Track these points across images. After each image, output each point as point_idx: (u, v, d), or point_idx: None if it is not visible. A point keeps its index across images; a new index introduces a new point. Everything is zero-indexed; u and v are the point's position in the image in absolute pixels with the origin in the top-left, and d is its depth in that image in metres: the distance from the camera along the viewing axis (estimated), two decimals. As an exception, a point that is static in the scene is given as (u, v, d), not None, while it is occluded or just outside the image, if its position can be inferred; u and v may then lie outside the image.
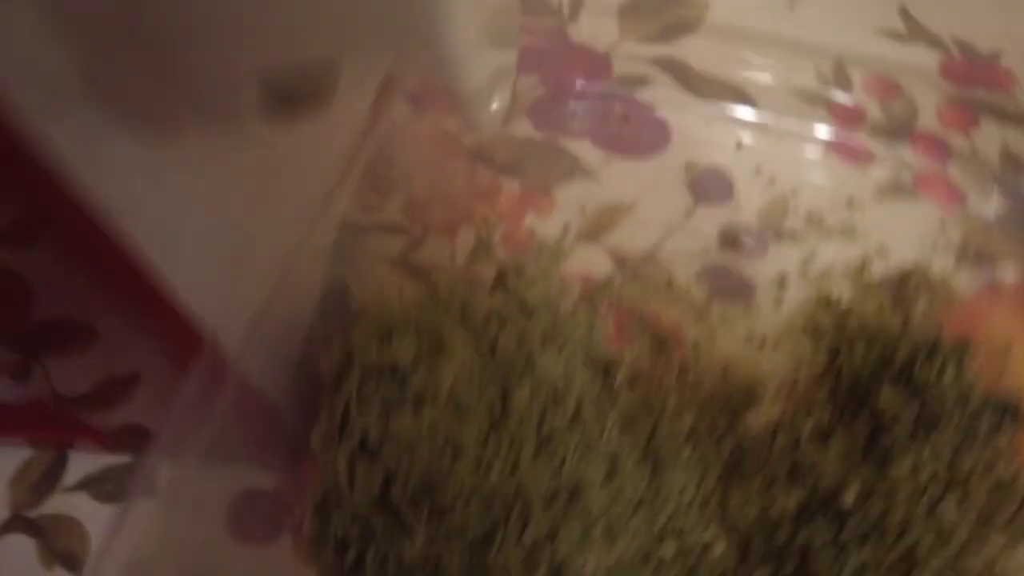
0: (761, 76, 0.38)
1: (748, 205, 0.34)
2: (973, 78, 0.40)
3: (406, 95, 0.37)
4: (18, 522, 0.28)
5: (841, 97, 0.38)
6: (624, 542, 0.24)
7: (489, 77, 0.18)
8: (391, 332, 0.22)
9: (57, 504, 0.28)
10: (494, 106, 0.18)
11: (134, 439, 0.27)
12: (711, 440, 0.27)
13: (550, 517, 0.23)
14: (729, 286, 0.32)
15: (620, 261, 0.32)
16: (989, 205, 0.35)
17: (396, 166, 0.34)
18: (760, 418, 0.28)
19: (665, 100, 0.38)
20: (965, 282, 0.32)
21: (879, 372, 0.27)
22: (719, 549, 0.24)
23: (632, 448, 0.26)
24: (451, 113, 0.38)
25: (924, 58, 0.41)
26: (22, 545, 0.28)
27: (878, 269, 0.32)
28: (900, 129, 0.37)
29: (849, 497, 0.24)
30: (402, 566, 0.22)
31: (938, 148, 0.37)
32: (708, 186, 0.35)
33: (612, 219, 0.34)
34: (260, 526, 0.27)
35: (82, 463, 0.29)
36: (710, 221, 0.34)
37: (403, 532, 0.22)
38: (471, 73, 0.17)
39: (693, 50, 0.40)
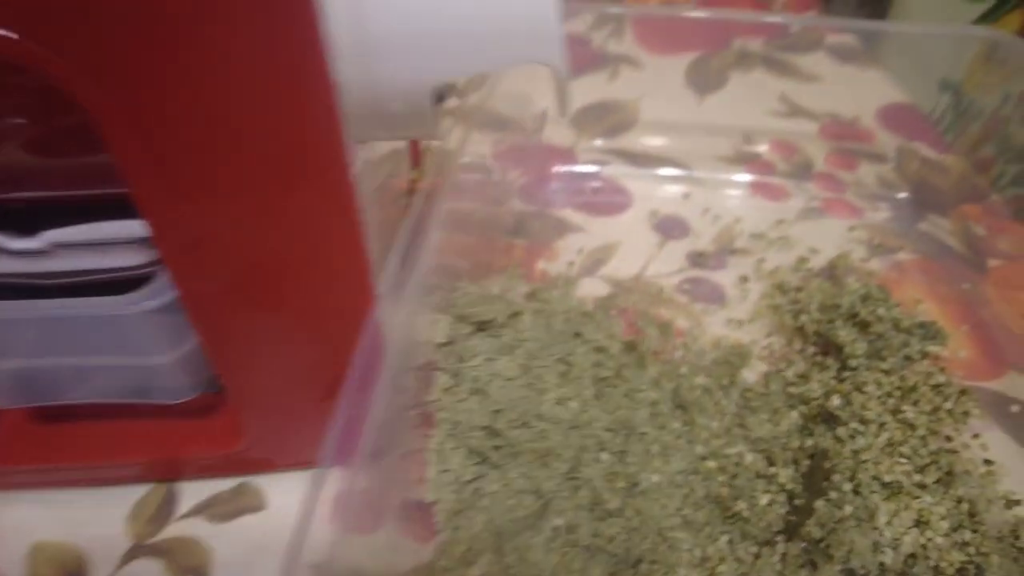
0: (690, 150, 0.50)
1: (704, 235, 0.44)
2: (845, 136, 0.53)
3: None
4: (142, 549, 0.31)
5: (754, 156, 0.50)
6: (676, 460, 0.30)
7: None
8: (481, 303, 0.29)
9: (175, 530, 0.32)
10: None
11: (238, 463, 0.32)
12: (720, 391, 0.34)
13: (617, 444, 0.30)
14: (704, 292, 0.41)
15: (616, 284, 0.41)
16: (878, 214, 0.46)
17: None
18: (753, 374, 0.36)
19: (622, 174, 0.49)
20: (878, 266, 0.42)
21: (832, 321, 0.35)
22: (749, 458, 0.30)
23: (664, 399, 0.33)
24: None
25: (806, 127, 0.54)
26: (149, 568, 0.31)
27: (814, 263, 0.41)
28: (803, 173, 0.49)
29: (835, 400, 0.32)
30: (508, 487, 0.28)
31: (833, 183, 0.48)
32: (670, 227, 0.45)
33: (604, 256, 0.42)
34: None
35: (191, 492, 0.33)
36: (678, 250, 0.43)
37: (508, 457, 0.28)
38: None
39: (634, 140, 0.52)
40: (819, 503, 0.28)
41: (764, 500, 0.29)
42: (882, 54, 0.62)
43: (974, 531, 0.28)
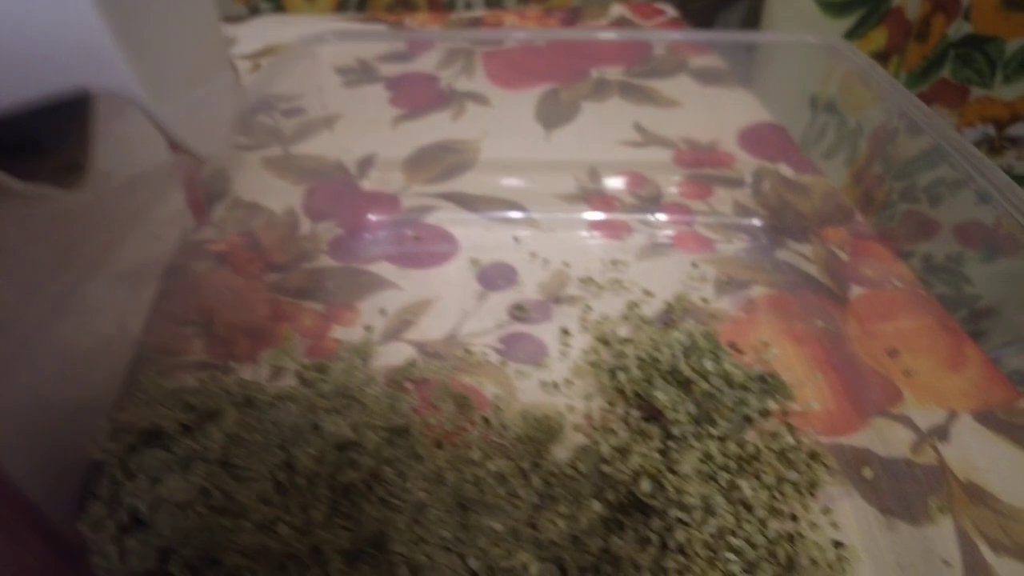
0: (529, 188, 0.45)
1: (530, 283, 0.38)
2: (701, 162, 0.48)
3: (208, 254, 0.40)
4: None
5: (596, 191, 0.45)
6: (436, 582, 0.23)
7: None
8: (158, 405, 0.22)
9: None
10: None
11: None
12: (520, 477, 0.28)
13: (353, 571, 0.23)
14: (522, 350, 0.34)
15: (422, 348, 0.34)
16: (731, 245, 0.41)
17: (197, 311, 0.36)
18: (564, 450, 0.29)
19: (449, 220, 0.43)
20: (726, 305, 0.37)
21: (650, 380, 0.29)
22: (535, 570, 0.24)
23: (439, 499, 0.26)
24: (250, 262, 0.41)
25: (660, 155, 0.49)
26: None
27: (648, 309, 0.36)
28: (650, 205, 0.44)
29: (645, 486, 0.26)
30: (191, 655, 0.20)
31: (684, 213, 0.43)
32: (495, 276, 0.39)
33: (413, 315, 0.36)
34: None
35: None
36: (501, 302, 0.37)
37: (187, 613, 0.21)
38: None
39: (470, 183, 0.46)
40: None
41: (548, 629, 0.22)
42: (751, 76, 0.59)
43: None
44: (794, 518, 0.27)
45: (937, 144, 0.34)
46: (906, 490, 0.29)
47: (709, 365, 0.29)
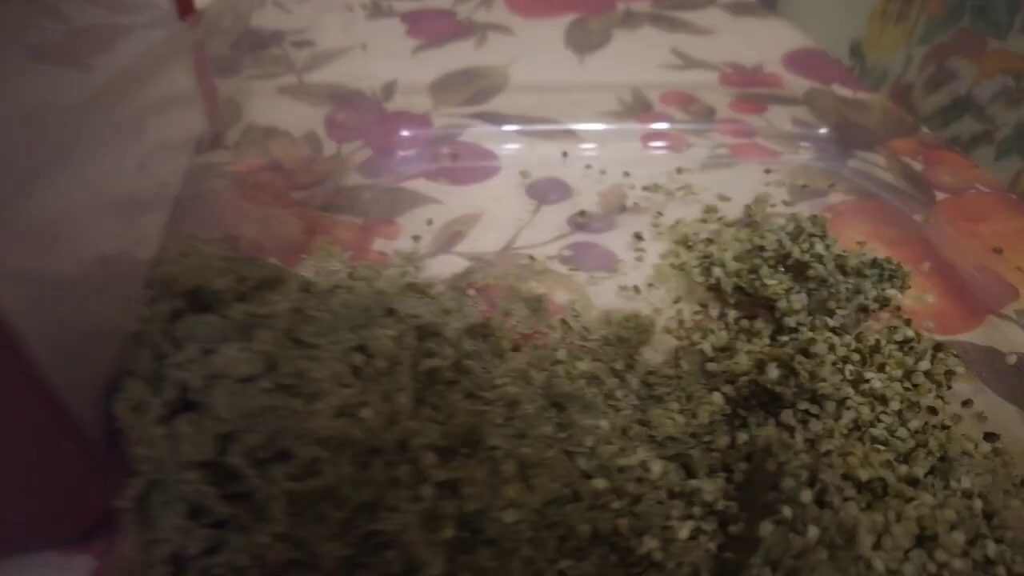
0: (570, 108, 0.41)
1: (589, 194, 0.34)
2: (749, 82, 0.45)
3: (225, 175, 0.36)
4: None
5: (645, 107, 0.41)
6: (544, 484, 0.19)
7: None
8: (204, 268, 0.18)
9: None
10: None
11: None
12: (614, 378, 0.24)
13: (449, 470, 0.19)
14: (591, 258, 0.31)
15: (477, 259, 0.30)
16: (798, 155, 0.37)
17: (218, 231, 0.32)
18: (657, 354, 0.26)
19: (487, 135, 0.39)
20: (806, 210, 0.33)
21: (756, 270, 0.26)
22: (657, 468, 0.20)
23: (530, 398, 0.22)
24: (274, 182, 0.36)
25: (705, 77, 0.45)
26: None
27: (727, 213, 0.32)
28: (703, 120, 0.41)
29: (772, 372, 0.22)
30: (264, 564, 0.16)
31: (741, 127, 0.40)
32: (547, 190, 0.35)
33: (463, 228, 0.32)
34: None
35: None
36: (557, 215, 0.33)
37: (255, 510, 0.16)
38: None
39: (504, 104, 0.42)
40: (766, 527, 0.17)
41: (684, 532, 0.19)
42: (781, 9, 0.56)
43: (998, 541, 0.18)
44: (932, 411, 0.23)
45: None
46: (1042, 386, 0.26)
47: (821, 248, 0.26)
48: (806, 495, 0.17)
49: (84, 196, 0.21)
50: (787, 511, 0.17)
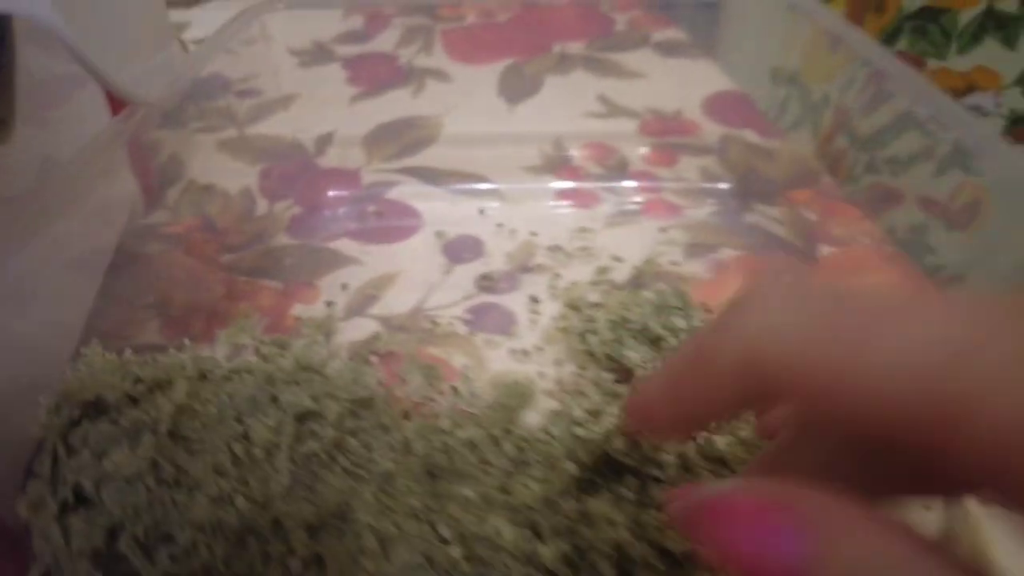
0: (494, 161, 0.44)
1: (497, 254, 0.37)
2: (667, 131, 0.48)
3: (162, 237, 0.38)
4: None
5: (562, 162, 0.44)
6: (402, 554, 0.22)
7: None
8: (103, 376, 0.21)
9: None
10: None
11: None
12: (491, 445, 0.27)
13: (317, 545, 0.22)
14: (491, 320, 0.33)
15: (387, 322, 0.33)
16: (699, 211, 0.40)
17: (151, 293, 0.34)
18: (536, 416, 0.29)
19: (412, 194, 0.42)
20: (696, 268, 0.36)
21: (621, 340, 0.29)
22: (508, 533, 0.23)
23: (407, 469, 0.25)
24: (206, 243, 0.39)
25: (625, 126, 0.48)
26: None
27: (618, 275, 0.35)
28: (617, 174, 0.43)
29: (618, 443, 0.25)
30: (146, 636, 0.19)
31: (651, 180, 0.43)
32: (460, 248, 0.38)
33: (377, 290, 0.35)
34: None
35: None
36: (467, 274, 0.36)
37: (140, 591, 0.19)
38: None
39: (433, 157, 0.45)
40: (570, 593, 0.20)
41: (524, 593, 0.22)
42: (714, 47, 0.58)
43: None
44: (771, 472, 0.26)
45: (907, 109, 0.34)
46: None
47: (679, 322, 0.29)
48: (608, 571, 0.20)
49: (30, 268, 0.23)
50: (588, 582, 0.20)
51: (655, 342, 0.28)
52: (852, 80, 0.40)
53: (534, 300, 0.34)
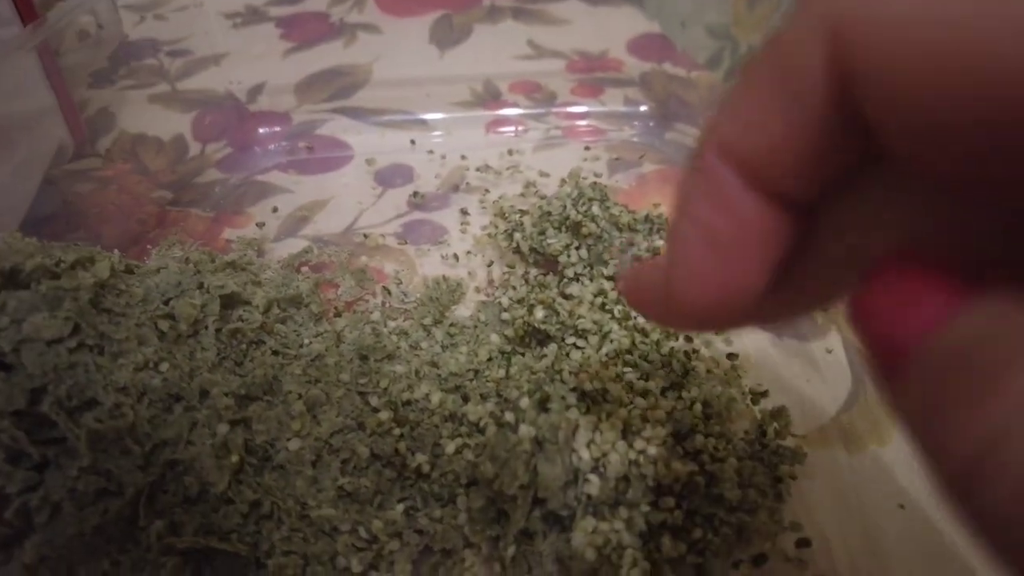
0: (424, 100, 0.45)
1: (428, 177, 0.38)
2: (592, 68, 0.49)
3: (92, 179, 0.38)
4: None
5: (493, 97, 0.45)
6: (330, 419, 0.23)
7: None
8: (22, 254, 0.21)
9: None
10: None
11: None
12: (422, 331, 0.28)
13: (246, 411, 0.22)
14: (422, 233, 0.34)
15: (318, 240, 0.34)
16: (621, 133, 0.42)
17: (80, 229, 0.34)
18: (466, 309, 0.30)
19: (343, 128, 0.42)
20: (620, 180, 0.37)
21: (543, 232, 0.30)
22: (436, 398, 0.24)
23: (339, 353, 0.26)
24: (137, 183, 0.39)
25: (553, 66, 0.49)
26: None
27: (545, 189, 0.36)
28: (544, 105, 0.45)
29: (538, 313, 0.26)
30: (75, 495, 0.19)
31: (575, 112, 0.44)
32: (392, 175, 0.38)
33: (308, 214, 0.36)
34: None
35: None
36: (399, 197, 0.37)
37: (67, 451, 0.20)
38: None
39: (363, 99, 0.46)
40: (490, 429, 0.21)
41: (451, 447, 0.23)
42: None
43: (707, 435, 0.23)
44: (689, 339, 0.28)
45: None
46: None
47: (596, 209, 0.30)
48: (524, 402, 0.21)
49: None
50: (508, 416, 0.21)
51: (575, 229, 0.29)
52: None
53: (464, 212, 0.35)
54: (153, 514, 0.20)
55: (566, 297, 0.27)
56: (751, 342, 0.28)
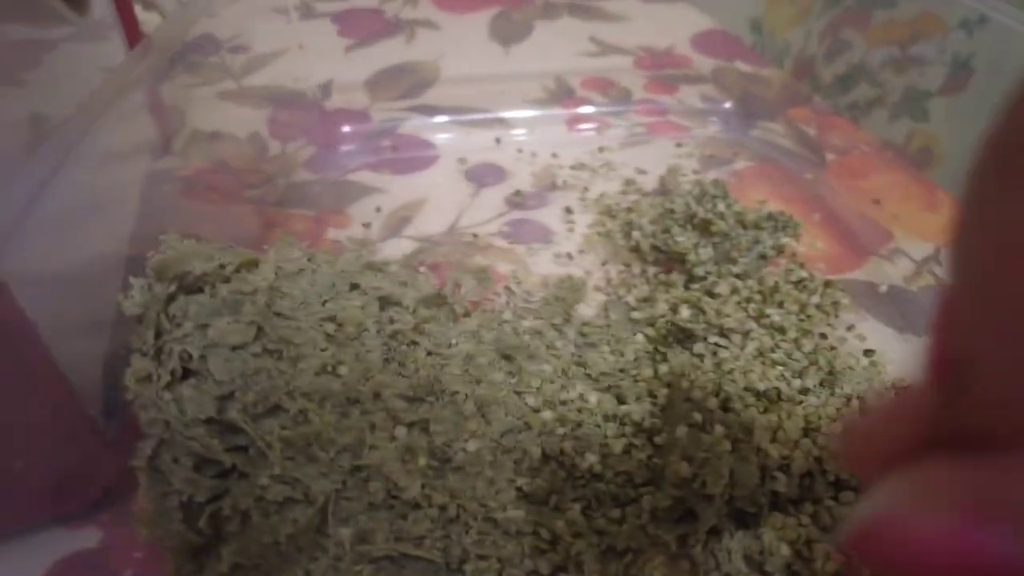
0: (499, 97, 0.44)
1: (522, 176, 0.38)
2: (661, 64, 0.49)
3: (178, 180, 0.38)
4: None
5: (568, 94, 0.45)
6: (499, 419, 0.23)
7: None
8: (193, 259, 0.21)
9: None
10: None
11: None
12: (554, 331, 0.27)
13: (419, 413, 0.22)
14: (527, 232, 0.34)
15: (425, 240, 0.34)
16: (707, 129, 0.42)
17: (177, 225, 0.34)
18: (589, 308, 0.29)
19: (424, 127, 0.42)
20: (716, 176, 0.37)
21: (668, 230, 0.30)
22: (593, 399, 0.24)
23: (483, 352, 0.25)
24: (224, 183, 0.39)
25: (620, 62, 0.49)
26: None
27: (646, 185, 0.36)
28: (621, 103, 0.44)
29: (684, 312, 0.26)
30: (263, 500, 0.19)
31: (655, 107, 0.44)
32: (483, 173, 0.38)
33: (409, 214, 0.35)
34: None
35: None
36: (495, 195, 0.36)
37: (254, 459, 0.19)
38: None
39: (436, 97, 0.45)
40: (681, 429, 0.21)
41: (618, 446, 0.22)
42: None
43: (870, 430, 0.23)
44: (824, 336, 0.28)
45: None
46: (911, 309, 0.30)
47: (722, 207, 0.30)
48: (712, 402, 0.21)
49: (72, 206, 0.23)
50: (697, 416, 0.21)
51: (703, 227, 0.29)
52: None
53: (568, 211, 0.35)
54: (338, 522, 0.20)
55: (712, 296, 0.26)
56: (877, 340, 0.28)
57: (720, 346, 0.26)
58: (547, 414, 0.23)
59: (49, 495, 0.21)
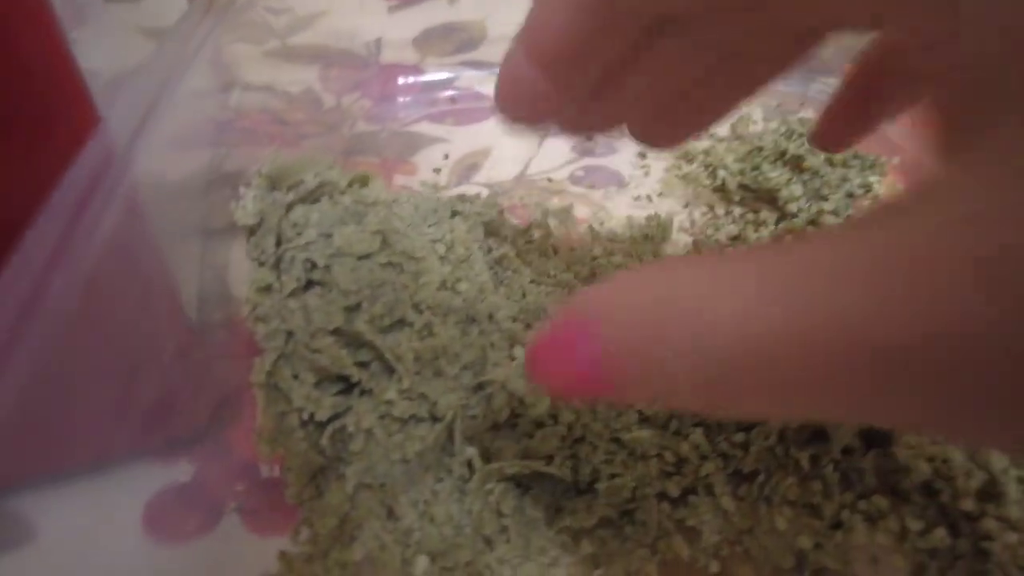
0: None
1: (587, 125, 0.37)
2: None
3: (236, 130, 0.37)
4: None
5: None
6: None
7: None
8: (308, 168, 0.20)
9: None
10: None
11: None
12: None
13: (531, 336, 0.21)
14: (601, 177, 0.33)
15: (497, 186, 0.33)
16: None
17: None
18: (676, 249, 0.29)
19: (479, 80, 0.41)
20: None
21: (757, 167, 0.29)
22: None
23: (580, 282, 0.25)
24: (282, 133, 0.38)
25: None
26: None
27: (718, 130, 0.35)
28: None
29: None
30: (388, 417, 0.18)
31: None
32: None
33: (477, 161, 0.34)
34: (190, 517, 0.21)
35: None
36: (562, 144, 0.36)
37: (377, 374, 0.19)
38: None
39: (487, 54, 0.44)
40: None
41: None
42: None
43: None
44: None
45: None
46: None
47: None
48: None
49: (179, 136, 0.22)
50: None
51: (795, 163, 0.29)
52: None
53: (642, 156, 0.34)
54: (465, 440, 0.19)
55: (816, 226, 0.26)
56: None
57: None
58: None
59: (156, 418, 0.21)
